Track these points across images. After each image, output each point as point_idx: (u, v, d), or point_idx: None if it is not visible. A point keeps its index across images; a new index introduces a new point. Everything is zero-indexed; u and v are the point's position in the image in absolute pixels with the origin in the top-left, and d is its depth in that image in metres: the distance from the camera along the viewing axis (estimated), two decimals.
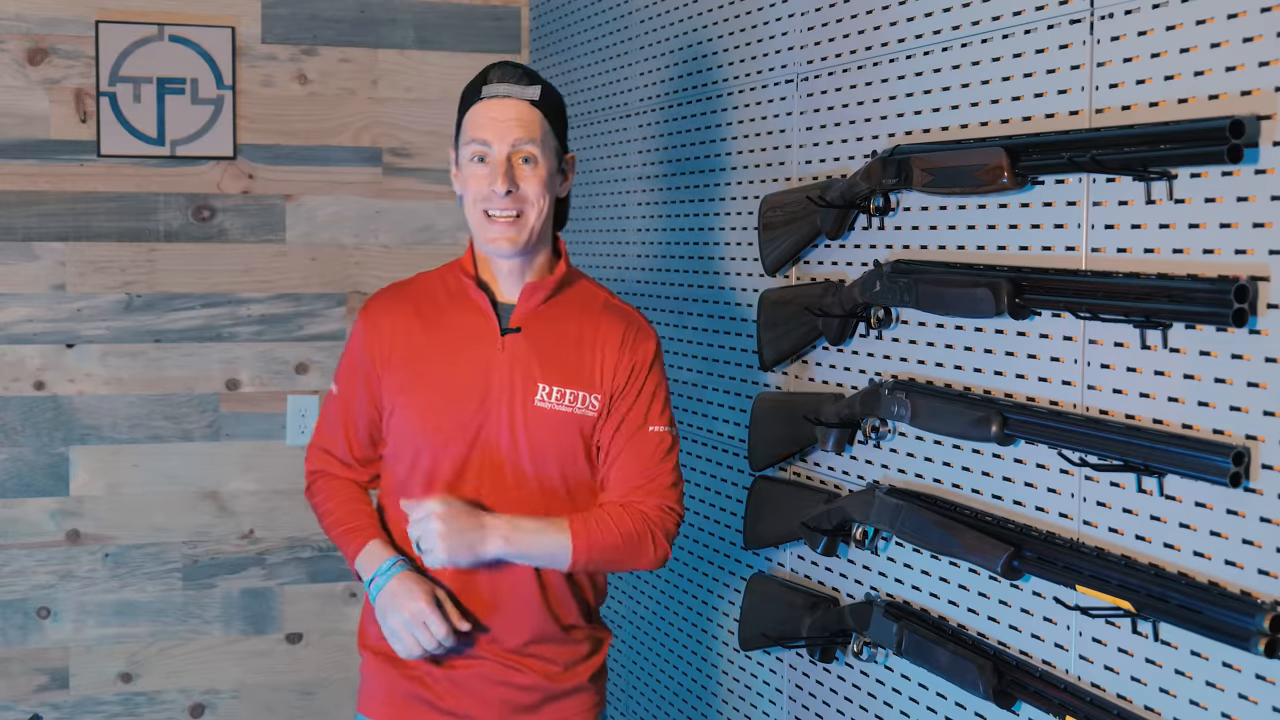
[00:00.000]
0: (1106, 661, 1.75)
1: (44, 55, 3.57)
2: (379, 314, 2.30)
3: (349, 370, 2.32)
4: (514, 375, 2.21)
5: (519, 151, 2.18)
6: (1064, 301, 1.76)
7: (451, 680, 2.27)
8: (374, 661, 2.32)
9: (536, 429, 2.21)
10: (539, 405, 2.21)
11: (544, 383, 2.21)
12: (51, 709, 3.64)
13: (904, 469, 2.16)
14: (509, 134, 2.17)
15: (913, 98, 2.13)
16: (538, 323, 2.24)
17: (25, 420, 3.60)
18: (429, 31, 3.83)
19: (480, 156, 2.19)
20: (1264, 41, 1.51)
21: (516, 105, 2.19)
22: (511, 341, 2.22)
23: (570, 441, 2.22)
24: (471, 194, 2.21)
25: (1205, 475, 1.55)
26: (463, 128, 2.23)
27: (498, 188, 2.16)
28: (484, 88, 2.21)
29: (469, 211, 2.23)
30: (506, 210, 2.17)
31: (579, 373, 2.23)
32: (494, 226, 2.19)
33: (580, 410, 2.22)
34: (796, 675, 2.51)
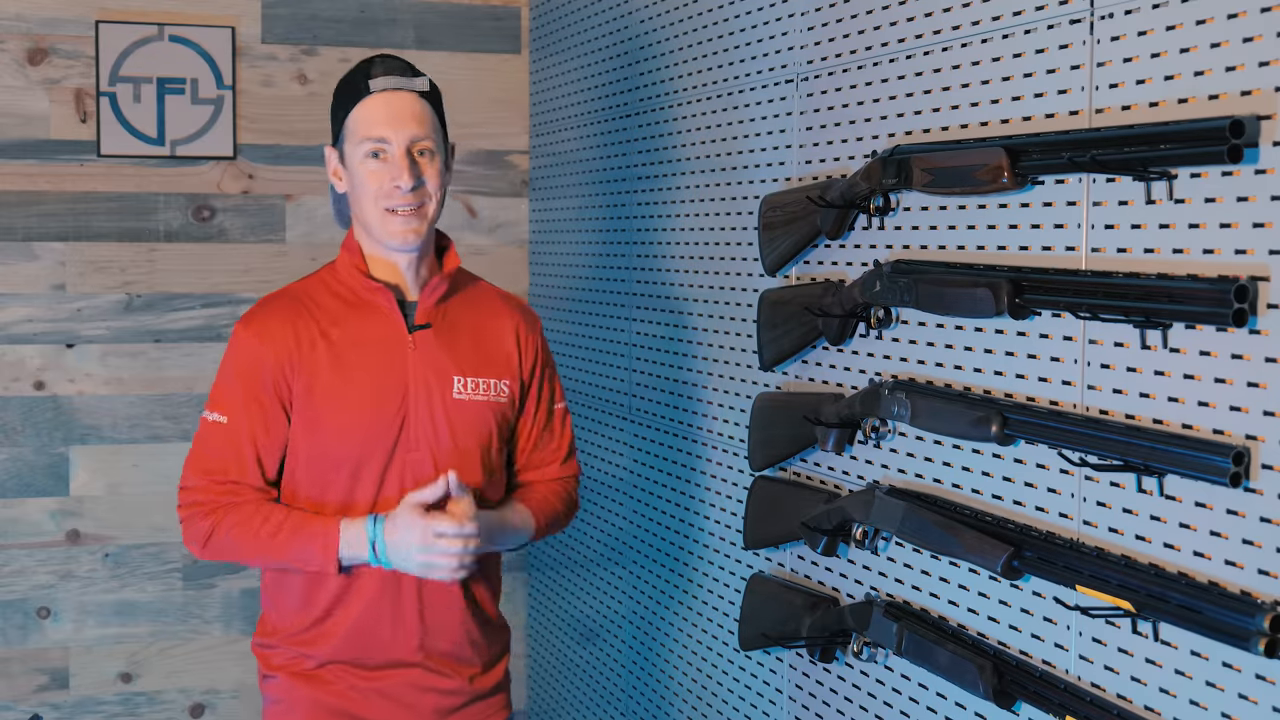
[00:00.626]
0: (1106, 661, 1.75)
1: (44, 55, 3.57)
2: (270, 328, 2.20)
3: (244, 392, 2.19)
4: (429, 371, 2.22)
5: (418, 144, 2.17)
6: (1064, 301, 1.76)
7: (379, 692, 2.25)
8: (289, 682, 2.26)
9: (458, 420, 2.23)
10: (457, 397, 2.23)
11: (459, 375, 2.24)
12: (51, 709, 3.64)
13: (904, 469, 2.16)
14: (406, 128, 2.16)
15: (913, 98, 2.13)
16: (442, 318, 2.26)
17: (25, 420, 3.60)
18: (429, 31, 3.83)
19: (376, 153, 2.16)
20: (1264, 41, 1.51)
21: (408, 98, 2.18)
22: (421, 338, 2.23)
23: (488, 428, 2.26)
24: (371, 192, 2.17)
25: (1205, 475, 1.55)
26: (349, 126, 2.19)
27: (403, 183, 2.14)
28: (370, 82, 2.18)
29: (365, 209, 2.19)
30: (410, 204, 2.16)
31: (488, 361, 2.28)
32: (397, 220, 2.17)
33: (494, 397, 2.27)
34: (796, 675, 2.51)
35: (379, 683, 2.25)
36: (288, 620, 2.27)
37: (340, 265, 2.28)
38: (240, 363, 2.20)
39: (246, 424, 2.19)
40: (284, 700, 2.27)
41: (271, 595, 2.29)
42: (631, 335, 3.15)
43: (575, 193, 3.53)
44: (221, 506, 2.20)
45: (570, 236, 3.56)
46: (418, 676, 2.25)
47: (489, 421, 2.26)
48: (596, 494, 3.37)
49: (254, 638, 2.33)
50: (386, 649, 2.24)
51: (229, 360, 2.22)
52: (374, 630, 2.23)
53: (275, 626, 2.28)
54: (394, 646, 2.24)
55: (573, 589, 3.60)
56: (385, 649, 2.24)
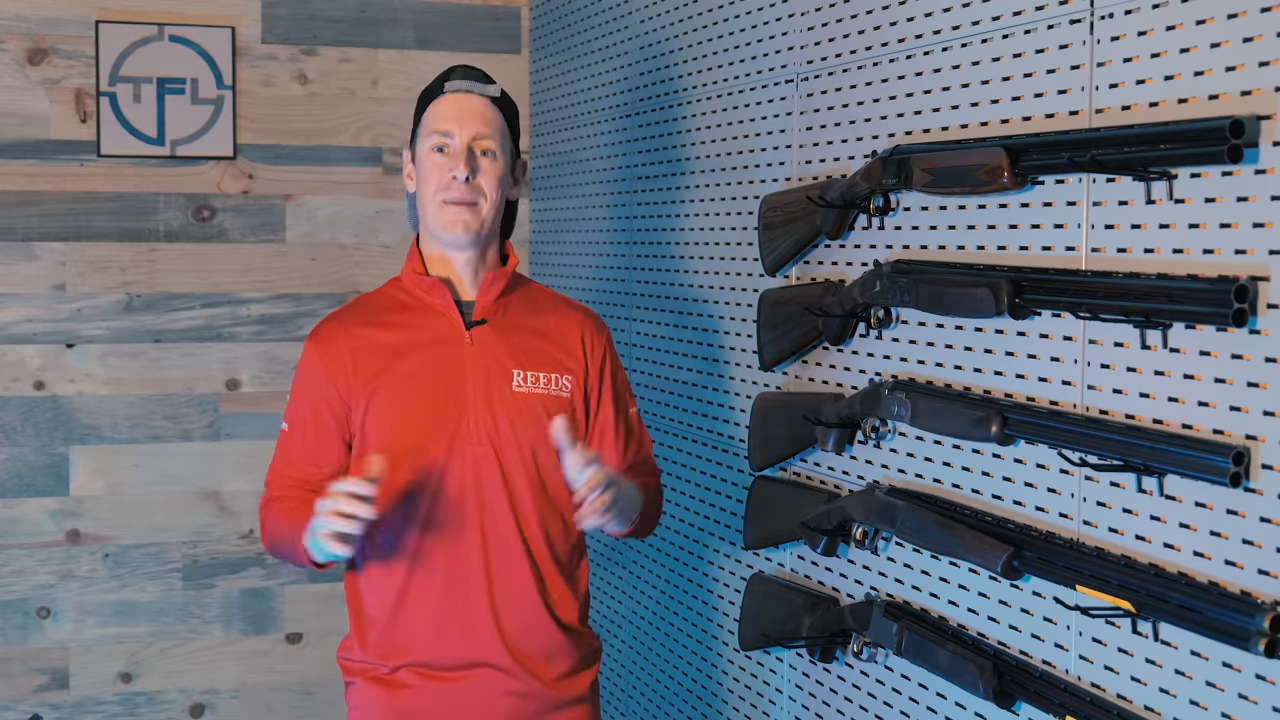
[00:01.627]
0: (1106, 661, 1.75)
1: (44, 55, 3.57)
2: (328, 340, 2.28)
3: (303, 404, 2.28)
4: (487, 366, 2.24)
5: (479, 143, 2.24)
6: (1064, 301, 1.76)
7: (453, 695, 2.24)
8: (366, 688, 2.27)
9: (519, 414, 2.24)
10: (517, 390, 2.25)
11: (518, 369, 2.26)
12: (51, 709, 3.64)
13: (904, 469, 2.16)
14: (470, 125, 2.23)
15: (913, 98, 2.13)
16: (500, 314, 2.28)
17: (25, 420, 3.60)
18: (429, 31, 3.83)
19: (441, 147, 2.24)
20: (1264, 41, 1.51)
21: (478, 100, 2.26)
22: (479, 334, 2.26)
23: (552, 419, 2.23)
24: (431, 184, 2.23)
25: (1205, 475, 1.55)
26: (422, 123, 2.29)
27: (458, 172, 2.21)
28: (446, 84, 2.27)
29: (426, 204, 2.25)
30: (464, 198, 2.22)
31: (548, 357, 2.29)
32: (450, 211, 2.22)
33: (555, 391, 2.28)
34: (796, 675, 2.51)
35: (453, 684, 2.23)
36: (364, 629, 2.27)
37: (403, 273, 2.33)
38: (302, 376, 2.30)
39: (304, 435, 2.28)
40: (362, 706, 2.28)
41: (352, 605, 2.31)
42: (631, 335, 3.15)
43: (575, 193, 3.53)
44: (280, 497, 2.29)
45: (570, 237, 3.56)
46: (491, 678, 2.23)
47: (553, 414, 2.24)
48: None
49: (338, 651, 2.34)
50: (459, 648, 2.22)
51: (297, 373, 2.32)
52: (445, 629, 2.22)
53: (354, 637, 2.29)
54: (466, 645, 2.22)
55: None
56: (457, 648, 2.22)
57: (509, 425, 2.23)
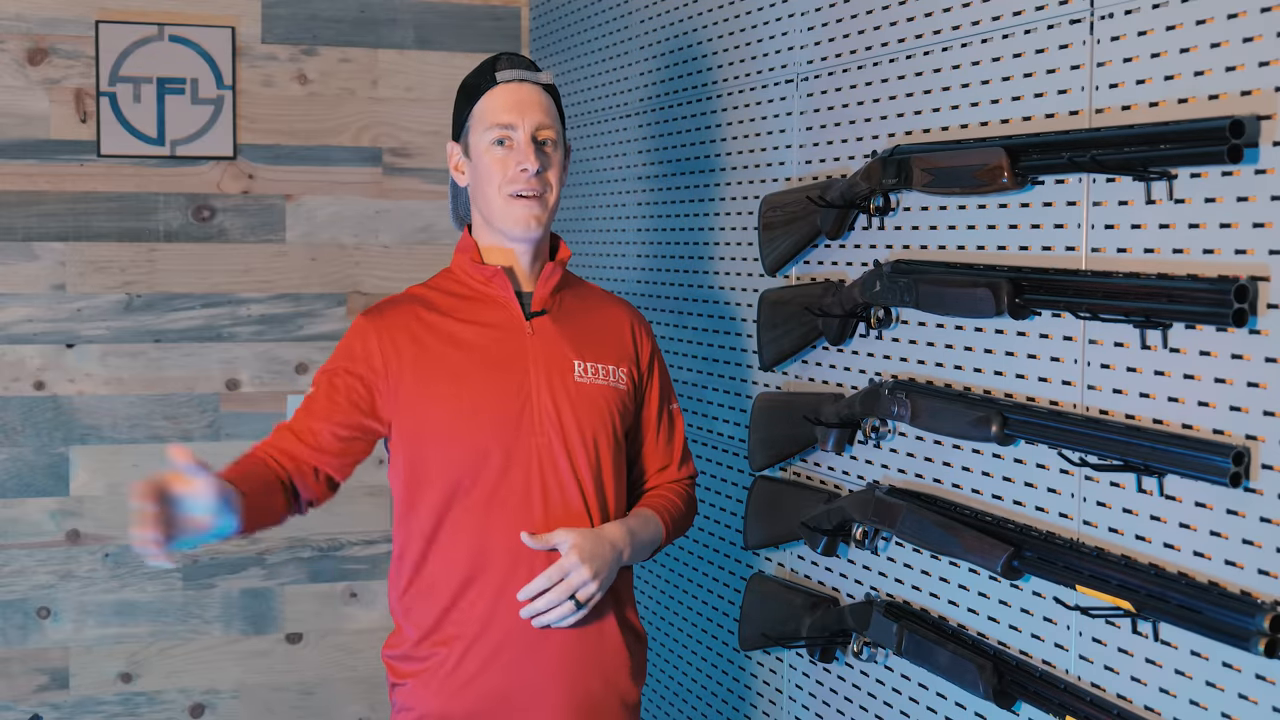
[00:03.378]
0: (1106, 661, 1.75)
1: (44, 55, 3.57)
2: (389, 318, 2.22)
3: (339, 373, 2.21)
4: (549, 356, 2.22)
5: (542, 133, 2.20)
6: (1064, 301, 1.76)
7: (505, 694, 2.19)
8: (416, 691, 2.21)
9: (581, 404, 2.22)
10: (579, 381, 2.23)
11: (579, 359, 2.24)
12: (51, 709, 3.64)
13: (904, 469, 2.16)
14: (533, 116, 2.19)
15: (913, 98, 2.13)
16: (557, 306, 2.27)
17: (25, 420, 3.60)
18: (429, 31, 3.83)
19: (502, 140, 2.19)
20: (1264, 41, 1.51)
21: (532, 89, 2.22)
22: (539, 324, 2.24)
23: (611, 412, 2.25)
24: (496, 179, 2.19)
25: (1205, 475, 1.55)
26: (475, 116, 2.22)
27: (529, 165, 2.16)
28: (497, 74, 2.21)
29: (491, 199, 2.20)
30: (534, 190, 2.18)
31: (606, 348, 2.28)
32: (520, 206, 2.18)
33: (614, 383, 2.27)
34: (796, 675, 2.51)
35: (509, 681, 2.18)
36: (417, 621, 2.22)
37: (455, 265, 2.29)
38: (347, 347, 2.23)
39: (322, 394, 2.22)
40: (414, 708, 2.23)
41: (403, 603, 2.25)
42: None
43: (575, 193, 3.53)
44: (267, 445, 2.23)
45: (570, 236, 3.56)
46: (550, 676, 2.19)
47: (612, 405, 2.25)
48: None
49: (384, 649, 2.28)
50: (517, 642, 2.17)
51: (340, 345, 2.25)
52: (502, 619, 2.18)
53: (406, 633, 2.24)
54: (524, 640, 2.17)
55: None
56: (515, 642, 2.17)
57: (572, 414, 2.21)
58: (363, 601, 3.82)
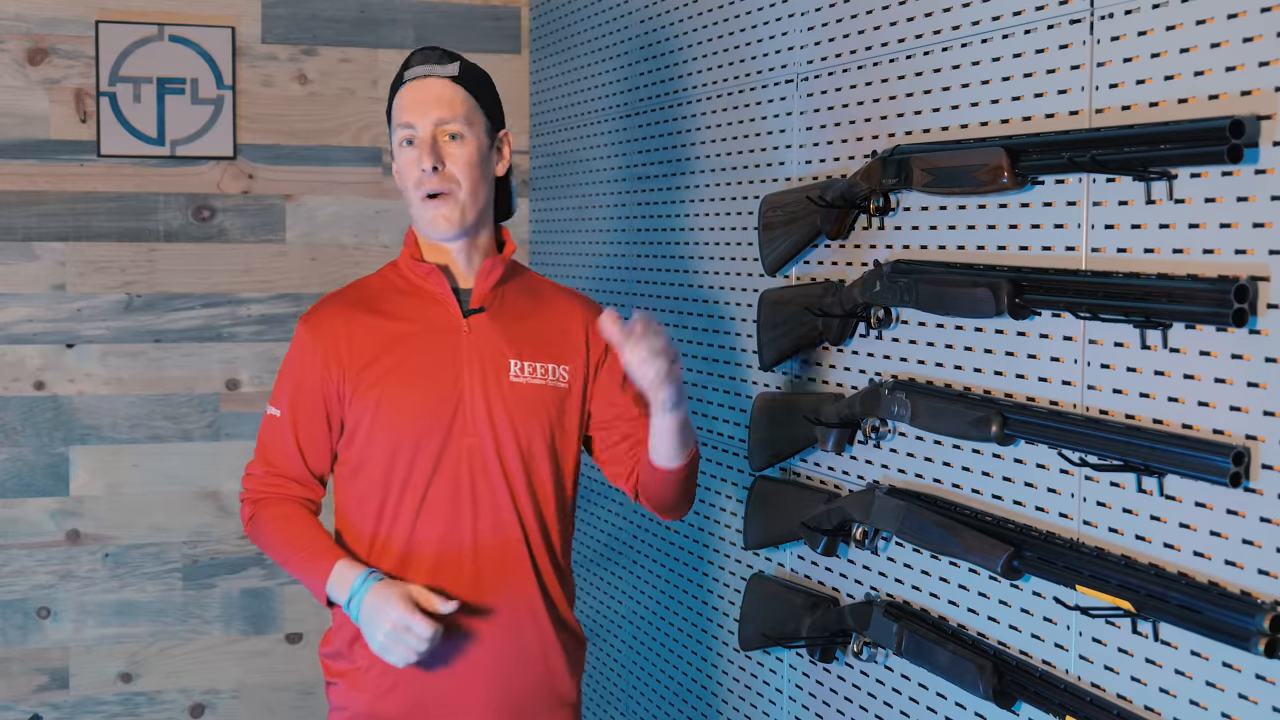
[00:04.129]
0: (1106, 661, 1.75)
1: (44, 55, 3.57)
2: (324, 324, 2.23)
3: (295, 388, 2.23)
4: (484, 355, 2.21)
5: (443, 129, 2.18)
6: (1064, 301, 1.76)
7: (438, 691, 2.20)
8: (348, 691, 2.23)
9: (515, 404, 2.20)
10: (515, 380, 2.21)
11: (516, 358, 2.22)
12: (51, 709, 3.64)
13: (904, 469, 2.16)
14: (430, 112, 2.18)
15: (913, 98, 2.13)
16: (497, 302, 2.25)
17: (25, 420, 3.60)
18: (429, 31, 3.83)
19: (408, 140, 2.19)
20: (1264, 41, 1.51)
21: (436, 84, 2.20)
22: (476, 322, 2.22)
23: (550, 413, 2.23)
24: (409, 181, 2.20)
25: (1205, 475, 1.55)
26: (391, 116, 2.24)
27: (424, 164, 2.16)
28: (405, 72, 2.22)
29: (409, 200, 2.21)
30: (437, 189, 2.17)
31: (546, 347, 2.25)
32: (430, 206, 2.18)
33: (553, 383, 2.24)
34: (796, 675, 2.51)
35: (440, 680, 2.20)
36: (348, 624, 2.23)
37: (400, 258, 2.30)
38: (294, 359, 2.25)
39: (292, 419, 2.24)
40: (348, 707, 2.24)
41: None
42: None
43: (575, 193, 3.53)
44: (265, 499, 2.26)
45: (570, 236, 3.56)
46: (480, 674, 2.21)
47: (550, 406, 2.24)
48: (596, 494, 3.37)
49: (320, 647, 2.31)
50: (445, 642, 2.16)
51: (287, 356, 2.27)
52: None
53: (339, 634, 2.26)
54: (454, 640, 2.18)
55: None
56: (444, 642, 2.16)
57: (505, 416, 2.20)
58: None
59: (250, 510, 2.28)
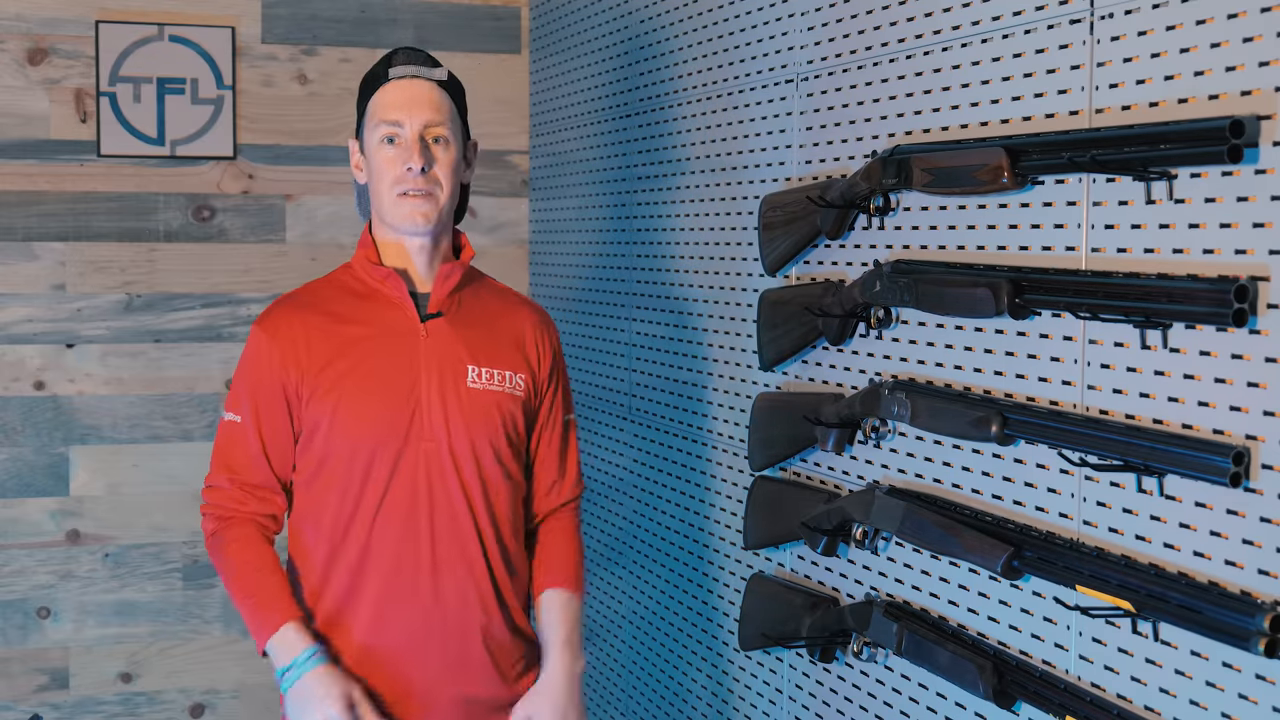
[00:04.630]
0: (1106, 661, 1.75)
1: (44, 55, 3.57)
2: (282, 327, 2.21)
3: (255, 392, 2.21)
4: (442, 360, 2.21)
5: (431, 131, 2.19)
6: (1064, 301, 1.76)
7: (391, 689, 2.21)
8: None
9: (471, 410, 2.21)
10: (471, 386, 2.21)
11: (473, 364, 2.22)
12: (51, 709, 3.64)
13: (904, 469, 2.16)
14: (420, 113, 2.18)
15: (913, 98, 2.13)
16: (455, 307, 2.25)
17: (25, 420, 3.60)
18: (429, 31, 3.83)
19: (391, 138, 2.19)
20: (1264, 41, 1.51)
21: (425, 85, 2.20)
22: (434, 327, 2.22)
23: (504, 419, 2.24)
24: (387, 178, 2.18)
25: (1205, 475, 1.55)
26: (368, 112, 2.22)
27: (413, 164, 2.15)
28: (390, 70, 2.21)
29: (381, 197, 2.20)
30: (421, 189, 2.17)
31: (503, 353, 2.26)
32: (408, 203, 2.17)
33: (509, 389, 2.25)
34: (796, 675, 2.51)
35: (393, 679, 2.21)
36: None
37: (355, 260, 2.28)
38: (251, 363, 2.23)
39: (255, 424, 2.21)
40: None
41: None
42: (631, 335, 3.15)
43: (575, 193, 3.53)
44: (230, 518, 2.23)
45: (570, 236, 3.56)
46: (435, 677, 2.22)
47: (505, 412, 2.24)
48: (597, 494, 3.37)
49: None
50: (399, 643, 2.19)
51: (243, 360, 2.24)
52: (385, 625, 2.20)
53: None
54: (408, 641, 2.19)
55: None
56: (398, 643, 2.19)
57: (462, 421, 2.20)
58: None
59: (213, 526, 2.24)
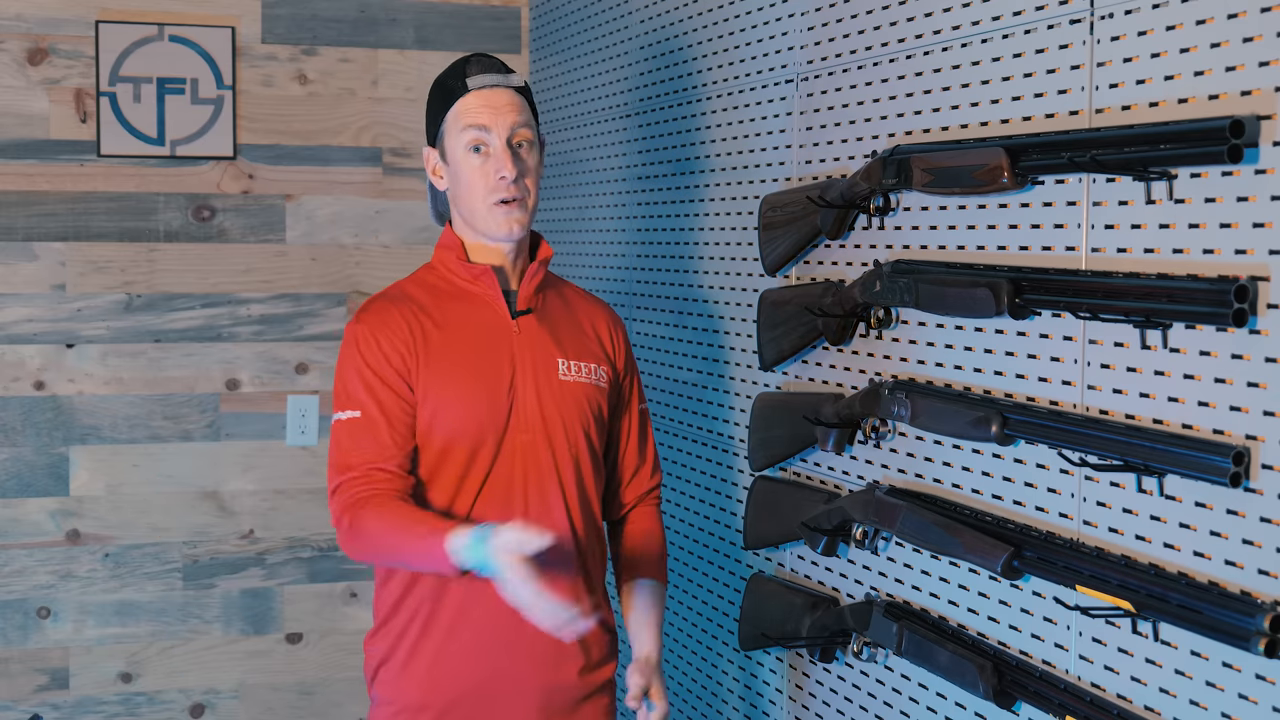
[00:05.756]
0: (1106, 661, 1.75)
1: (44, 55, 3.57)
2: (382, 319, 2.22)
3: (370, 382, 2.19)
4: (535, 354, 2.26)
5: (518, 135, 2.22)
6: (1064, 301, 1.76)
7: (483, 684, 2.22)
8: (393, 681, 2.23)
9: (565, 401, 2.26)
10: (563, 379, 2.27)
11: (562, 358, 2.28)
12: (51, 709, 3.64)
13: (904, 469, 2.16)
14: (508, 120, 2.21)
15: (913, 98, 2.13)
16: (541, 304, 2.31)
17: (25, 420, 3.60)
18: (429, 31, 3.83)
19: (478, 146, 2.21)
20: (1264, 41, 1.51)
21: (505, 93, 2.24)
22: (525, 323, 2.27)
23: (593, 410, 2.29)
24: (481, 188, 2.20)
25: (1205, 475, 1.55)
26: (449, 121, 2.24)
27: (507, 172, 2.19)
28: (469, 80, 2.23)
29: (474, 205, 2.22)
30: (516, 195, 2.20)
31: (588, 346, 2.33)
32: (502, 211, 2.21)
33: (595, 381, 2.31)
34: (796, 675, 2.51)
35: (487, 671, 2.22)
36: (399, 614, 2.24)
37: (438, 262, 2.30)
38: (360, 356, 2.20)
39: (378, 410, 2.18)
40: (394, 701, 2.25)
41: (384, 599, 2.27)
42: (632, 335, 3.15)
43: (575, 193, 3.53)
44: (357, 501, 2.15)
45: (570, 237, 3.56)
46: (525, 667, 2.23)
47: (594, 402, 2.29)
48: None
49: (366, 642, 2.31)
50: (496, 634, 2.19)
51: (347, 358, 2.21)
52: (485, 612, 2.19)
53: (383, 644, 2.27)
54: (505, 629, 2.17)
55: None
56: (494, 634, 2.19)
57: (557, 413, 2.25)
58: (363, 601, 3.82)
59: (348, 519, 2.15)
